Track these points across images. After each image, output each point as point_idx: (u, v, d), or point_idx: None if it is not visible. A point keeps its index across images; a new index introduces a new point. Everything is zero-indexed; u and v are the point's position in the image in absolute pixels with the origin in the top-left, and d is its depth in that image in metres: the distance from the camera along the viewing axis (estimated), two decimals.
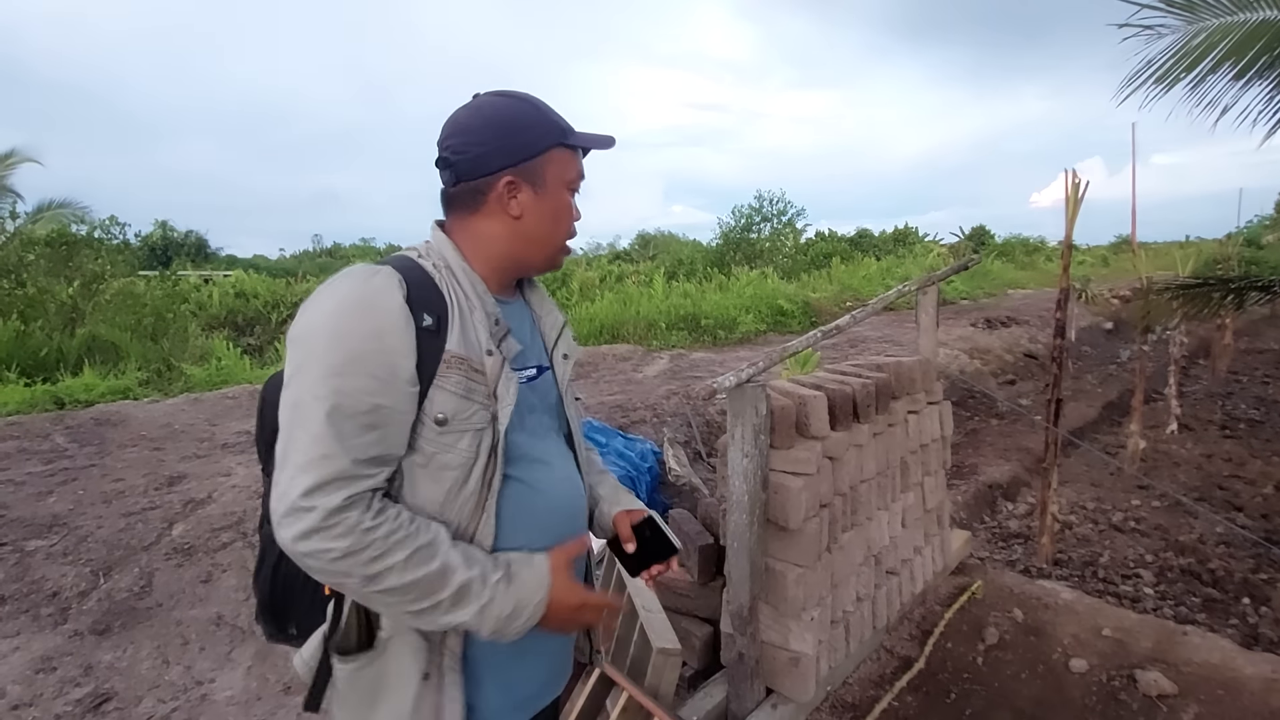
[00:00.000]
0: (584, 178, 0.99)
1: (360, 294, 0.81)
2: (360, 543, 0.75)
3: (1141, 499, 4.91)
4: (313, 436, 0.76)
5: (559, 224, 0.96)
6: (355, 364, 0.78)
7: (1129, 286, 13.30)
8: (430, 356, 0.82)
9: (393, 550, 0.77)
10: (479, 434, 0.86)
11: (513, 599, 0.84)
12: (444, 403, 0.83)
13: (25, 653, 2.46)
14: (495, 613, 0.82)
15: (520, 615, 0.84)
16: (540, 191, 0.93)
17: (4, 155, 13.96)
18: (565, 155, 0.95)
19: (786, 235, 19.09)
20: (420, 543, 0.79)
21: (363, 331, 0.79)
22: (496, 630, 0.83)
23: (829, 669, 2.05)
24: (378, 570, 0.77)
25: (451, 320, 0.85)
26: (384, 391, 0.79)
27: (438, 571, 0.79)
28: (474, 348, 0.87)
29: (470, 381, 0.85)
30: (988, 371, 8.13)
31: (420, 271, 0.87)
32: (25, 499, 3.62)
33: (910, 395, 2.47)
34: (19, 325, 7.42)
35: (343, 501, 0.76)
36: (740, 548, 1.87)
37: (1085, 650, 2.32)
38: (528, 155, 0.91)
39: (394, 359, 0.80)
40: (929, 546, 2.64)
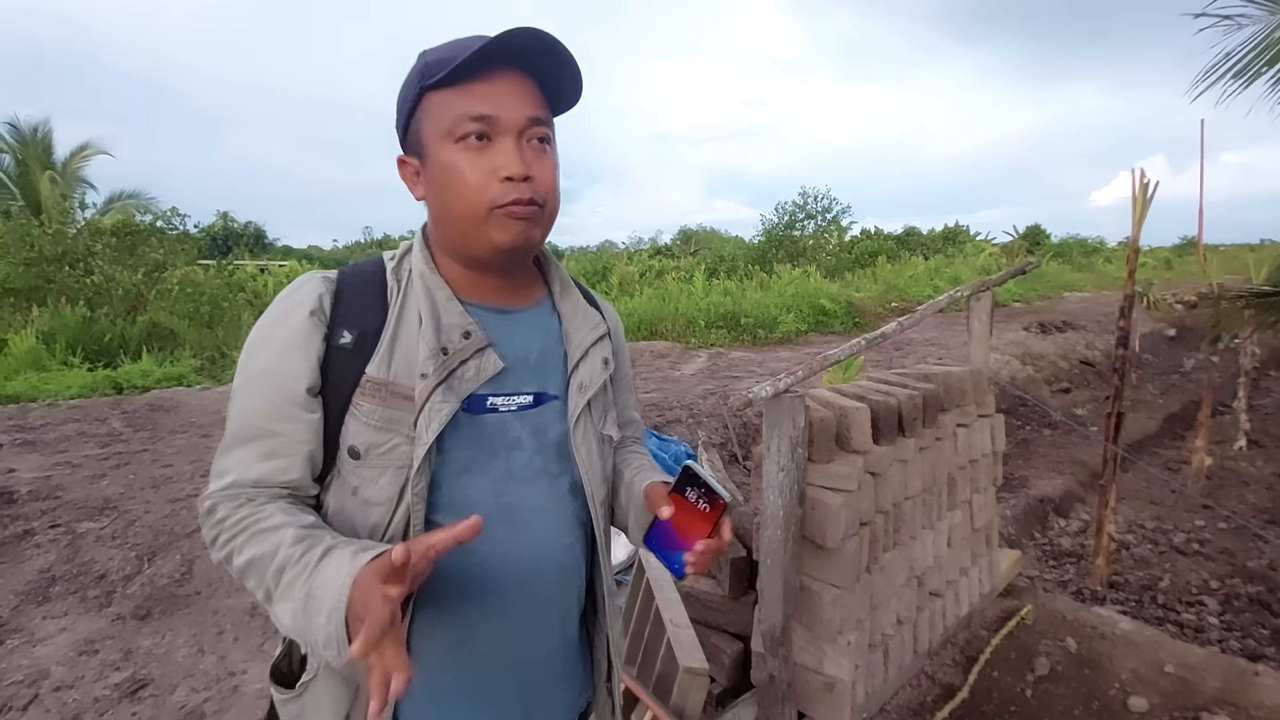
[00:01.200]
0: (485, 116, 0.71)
1: (272, 308, 0.76)
2: (214, 531, 0.72)
3: (1206, 520, 4.61)
4: (221, 449, 0.74)
5: (454, 188, 0.72)
6: (255, 382, 0.73)
7: (1194, 291, 12.61)
8: (342, 380, 0.73)
9: (234, 536, 0.70)
10: (402, 472, 0.72)
11: (313, 582, 0.62)
12: (357, 433, 0.73)
13: (71, 634, 2.54)
14: (293, 595, 0.63)
15: (317, 610, 0.61)
16: (424, 159, 0.75)
17: (79, 148, 14.73)
18: (435, 99, 0.73)
19: (831, 233, 18.70)
20: (266, 525, 0.68)
21: (266, 348, 0.74)
22: (300, 630, 0.63)
23: (865, 695, 1.95)
24: (225, 554, 0.71)
25: (383, 337, 0.74)
26: (277, 416, 0.72)
27: (267, 551, 0.67)
28: (407, 369, 0.74)
29: (388, 410, 0.72)
30: (1040, 379, 7.79)
31: (371, 279, 0.77)
32: (80, 481, 3.77)
33: (960, 408, 2.33)
34: (85, 311, 7.79)
35: (211, 505, 0.73)
36: (774, 565, 1.78)
37: (1146, 688, 2.16)
38: (401, 126, 0.78)
39: (286, 380, 0.72)
40: (976, 567, 2.50)
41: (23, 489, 3.59)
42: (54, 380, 6.07)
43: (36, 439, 4.53)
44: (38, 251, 8.41)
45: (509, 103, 0.73)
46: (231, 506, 0.71)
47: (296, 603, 0.63)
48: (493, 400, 0.77)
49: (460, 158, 0.72)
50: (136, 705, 2.20)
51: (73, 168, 14.33)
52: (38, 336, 6.96)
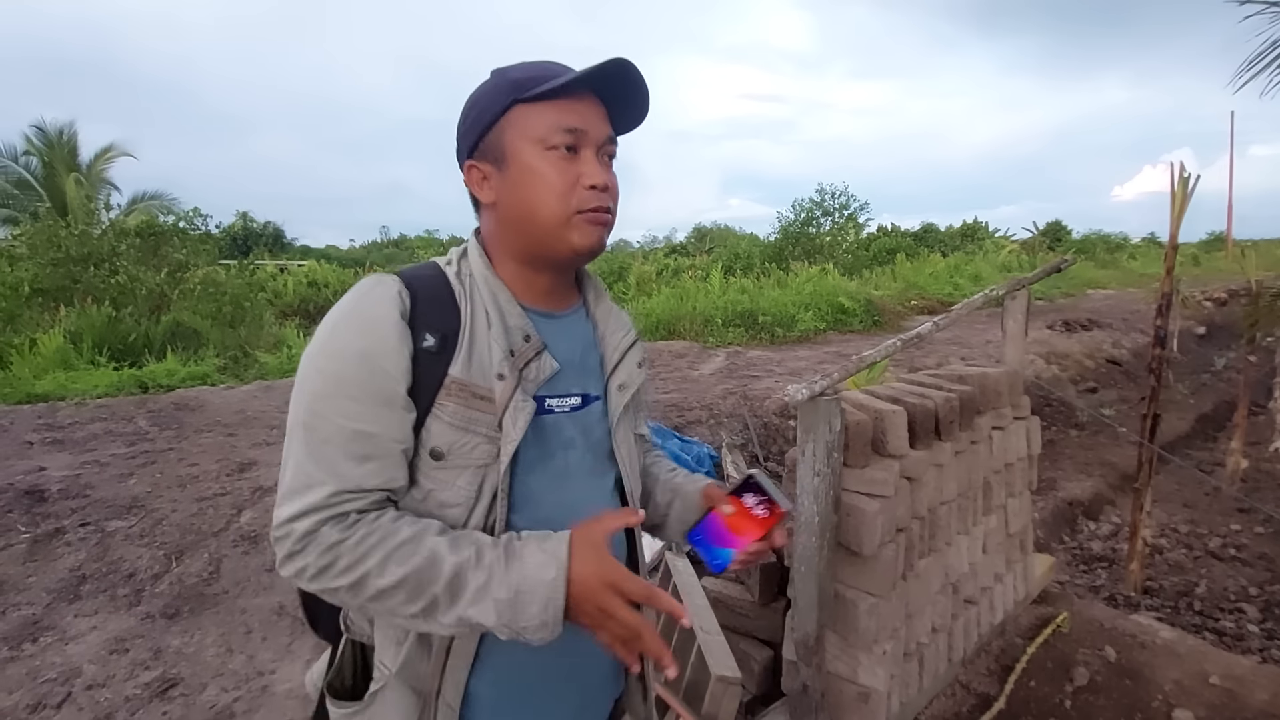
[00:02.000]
0: (579, 131, 0.78)
1: (354, 310, 0.74)
2: (328, 557, 0.69)
3: (1242, 523, 4.49)
4: (297, 463, 0.71)
5: (536, 192, 0.77)
6: (342, 388, 0.71)
7: (1225, 288, 12.31)
8: (429, 381, 0.74)
9: (366, 556, 0.68)
10: (480, 471, 0.75)
11: (513, 579, 0.68)
12: (440, 434, 0.74)
13: (101, 633, 2.56)
14: (492, 597, 0.68)
15: (529, 602, 0.68)
16: (503, 166, 0.79)
17: (103, 150, 15.01)
18: (525, 112, 0.77)
19: (848, 230, 18.51)
20: (401, 539, 0.69)
21: (352, 352, 0.72)
22: (507, 623, 0.68)
23: (899, 705, 1.91)
24: (356, 578, 0.69)
25: (461, 339, 0.75)
26: (373, 418, 0.71)
27: (425, 564, 0.68)
28: (482, 370, 0.75)
29: (471, 411, 0.74)
30: (1066, 378, 7.64)
31: (437, 282, 0.78)
32: (108, 480, 3.81)
33: (996, 410, 2.28)
34: (110, 311, 7.89)
35: (312, 525, 0.69)
36: (808, 572, 1.74)
37: (1190, 699, 2.10)
38: (480, 131, 0.79)
39: (383, 383, 0.72)
40: (1010, 574, 2.44)
41: (53, 487, 3.63)
42: (81, 379, 6.15)
43: (65, 438, 4.59)
44: (64, 252, 8.55)
45: (595, 120, 0.80)
46: (341, 529, 0.69)
47: (499, 603, 0.68)
48: (549, 401, 0.81)
49: (550, 165, 0.77)
50: (167, 704, 2.21)
51: (97, 170, 14.60)
52: (65, 336, 7.07)
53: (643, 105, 0.84)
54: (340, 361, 0.72)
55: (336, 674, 0.82)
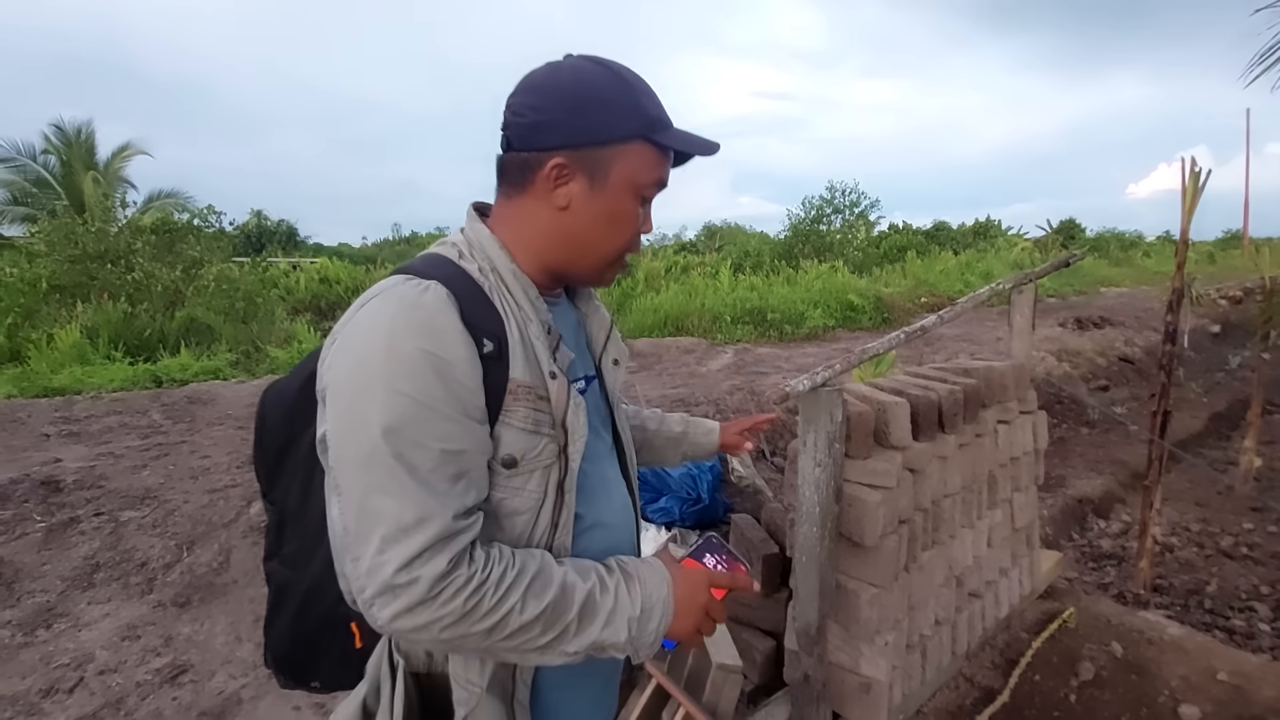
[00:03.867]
0: (665, 186, 0.82)
1: (415, 322, 0.67)
2: (475, 598, 0.65)
3: (1255, 523, 4.43)
4: (401, 499, 0.64)
5: (613, 232, 0.79)
6: (428, 408, 0.66)
7: (1240, 286, 12.13)
8: (495, 388, 0.71)
9: (510, 592, 0.67)
10: (547, 471, 0.75)
11: (638, 598, 0.74)
12: (512, 441, 0.72)
13: (114, 620, 2.60)
14: (625, 615, 0.72)
15: (651, 616, 0.74)
16: (597, 188, 0.77)
17: (120, 149, 15.18)
18: (645, 153, 0.77)
19: (858, 227, 18.42)
20: (532, 572, 0.69)
21: (426, 367, 0.66)
22: (633, 639, 0.73)
23: (902, 697, 1.91)
24: (498, 619, 0.66)
25: (511, 341, 0.73)
26: (462, 435, 0.68)
27: (559, 594, 0.69)
28: (534, 370, 0.74)
29: (538, 413, 0.73)
30: (1078, 376, 7.57)
31: (468, 281, 0.73)
32: (123, 471, 3.86)
33: (1001, 403, 2.27)
34: (126, 307, 8.01)
35: (448, 565, 0.64)
36: (809, 563, 1.75)
37: (1197, 695, 2.08)
38: (594, 140, 0.75)
39: (465, 395, 0.68)
40: (1016, 568, 2.43)
41: (69, 478, 3.69)
42: (97, 374, 6.24)
43: (81, 430, 4.66)
44: (82, 249, 8.67)
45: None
46: (475, 567, 0.66)
47: (631, 620, 0.73)
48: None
49: (633, 211, 0.80)
50: (177, 690, 2.24)
51: (114, 168, 14.77)
52: (82, 331, 7.17)
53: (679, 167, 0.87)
54: (418, 380, 0.65)
55: (406, 712, 0.76)
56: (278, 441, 0.86)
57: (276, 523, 0.88)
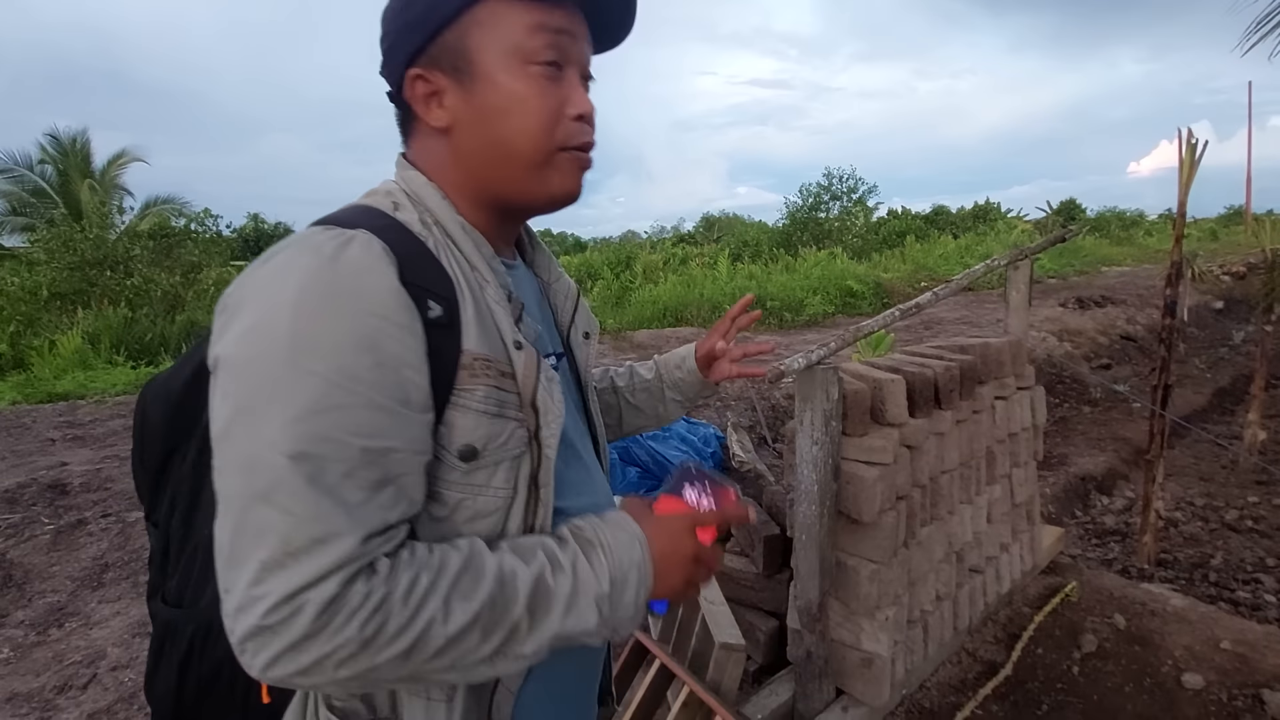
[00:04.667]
0: (566, 34, 0.62)
1: (331, 279, 0.51)
2: (376, 620, 0.49)
3: (1260, 495, 4.43)
4: (296, 514, 0.48)
5: (516, 121, 0.60)
6: (340, 393, 0.50)
7: (1243, 262, 12.08)
8: (445, 363, 0.55)
9: (426, 602, 0.51)
10: (516, 462, 0.60)
11: (605, 570, 0.58)
12: (470, 427, 0.56)
13: (124, 618, 2.63)
14: (591, 595, 0.57)
15: (626, 586, 0.59)
16: (467, 80, 0.61)
17: (116, 156, 15.17)
18: (503, 9, 0.60)
19: (856, 214, 18.37)
20: (455, 570, 0.53)
21: (349, 340, 0.50)
22: (606, 620, 0.58)
23: (904, 672, 1.92)
24: (415, 638, 0.50)
25: (463, 304, 0.58)
26: (393, 428, 0.52)
27: (495, 589, 0.54)
28: (493, 341, 0.59)
29: (501, 392, 0.58)
30: (1079, 355, 7.56)
31: (406, 234, 0.58)
32: (128, 473, 3.87)
33: (998, 379, 2.27)
34: (127, 313, 8.04)
35: (338, 587, 0.48)
36: (809, 541, 1.76)
37: (1201, 664, 2.09)
38: (432, 27, 0.60)
39: (401, 375, 0.52)
40: (1017, 543, 2.44)
41: (75, 481, 3.72)
42: (100, 378, 6.28)
43: (85, 434, 4.69)
44: (80, 256, 8.70)
45: (581, 33, 0.64)
46: (375, 581, 0.50)
47: (599, 598, 0.57)
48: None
49: (533, 86, 0.61)
50: None
51: (110, 175, 14.77)
52: (83, 337, 7.20)
53: (629, 20, 0.69)
54: (336, 355, 0.50)
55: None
56: (159, 449, 0.71)
57: (161, 549, 0.72)
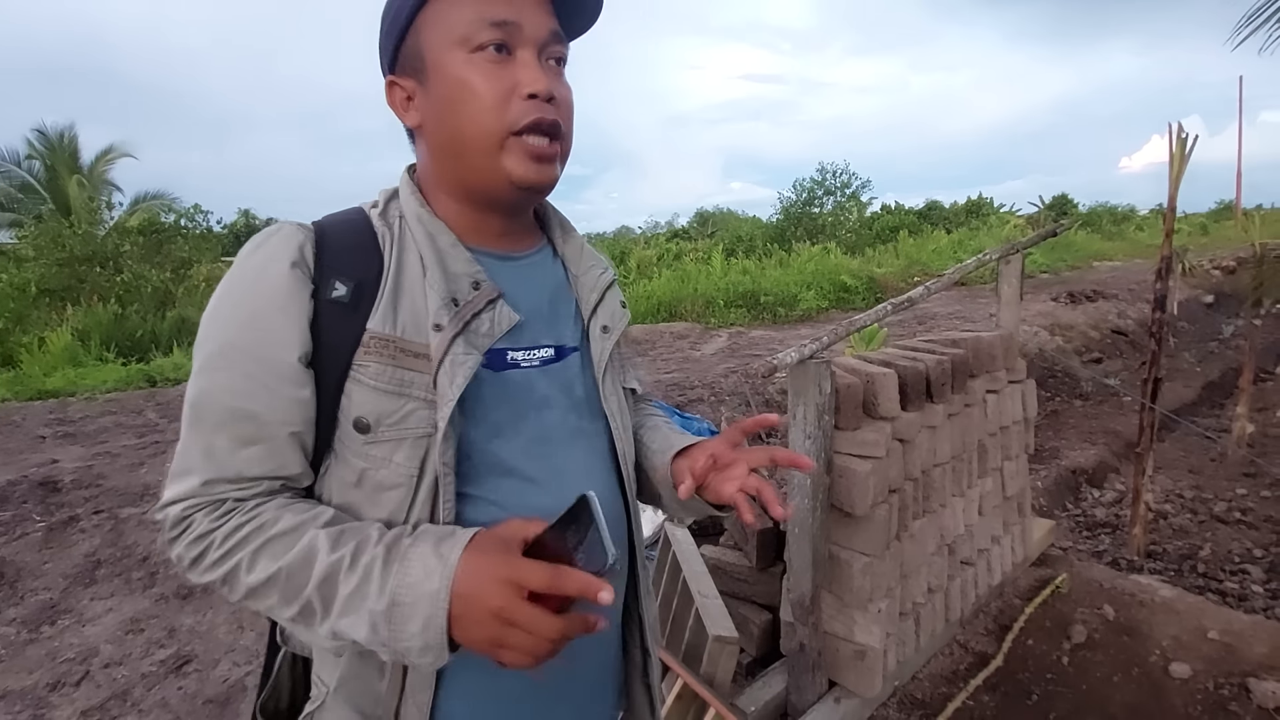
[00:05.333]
0: (517, 23, 0.64)
1: (243, 267, 0.63)
2: (197, 547, 0.59)
3: (1248, 487, 4.48)
4: (181, 445, 0.61)
5: (465, 110, 0.63)
6: (222, 359, 0.60)
7: (1232, 256, 12.17)
8: (342, 339, 0.61)
9: (235, 548, 0.58)
10: (422, 443, 0.62)
11: (389, 586, 0.55)
12: (364, 401, 0.61)
13: (117, 614, 2.62)
14: (366, 606, 0.55)
15: (410, 615, 0.54)
16: (424, 78, 0.66)
17: (104, 151, 15.02)
18: (444, 6, 0.64)
19: (850, 209, 18.39)
20: (277, 530, 0.58)
21: (238, 315, 0.61)
22: (383, 640, 0.55)
23: (897, 663, 1.94)
24: (223, 573, 0.58)
25: (382, 287, 0.63)
26: (257, 395, 0.60)
27: (298, 560, 0.56)
28: (415, 323, 0.63)
29: (400, 370, 0.62)
30: (1071, 349, 7.61)
31: (355, 225, 0.66)
32: (120, 470, 3.87)
33: (990, 373, 2.28)
34: (117, 309, 7.99)
35: (182, 511, 0.60)
36: (802, 534, 1.77)
37: (1188, 654, 2.12)
38: (394, 37, 0.66)
39: (270, 351, 0.60)
40: (1008, 536, 2.46)
41: (66, 478, 3.70)
42: (90, 375, 6.24)
43: (77, 431, 4.66)
44: (69, 252, 8.63)
45: (532, 12, 0.65)
46: (214, 517, 0.59)
47: (373, 614, 0.55)
48: (513, 355, 0.68)
49: (475, 70, 0.63)
50: (182, 680, 2.26)
51: (99, 171, 14.63)
52: (73, 334, 7.16)
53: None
54: (224, 327, 0.61)
55: (271, 693, 0.71)
56: None
57: None
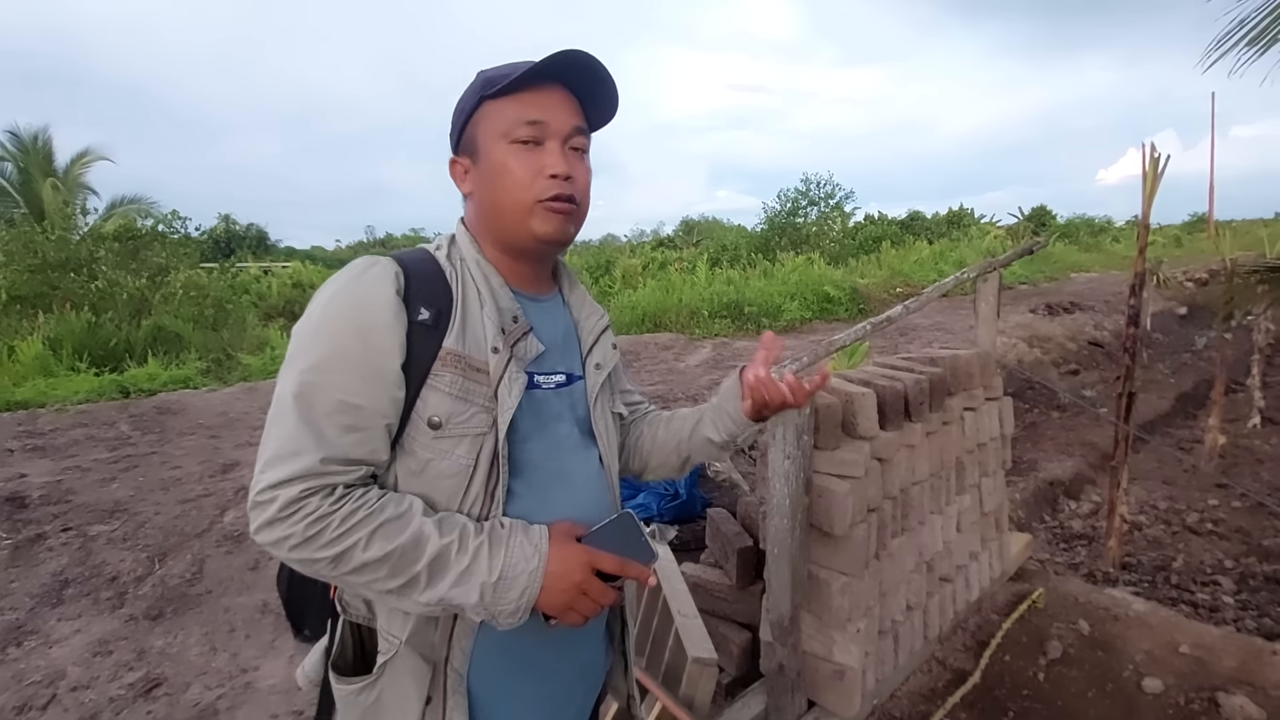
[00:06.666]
0: (542, 123, 0.82)
1: (352, 288, 0.77)
2: (318, 526, 0.70)
3: (1220, 499, 4.57)
4: (287, 432, 0.72)
5: (504, 184, 0.83)
6: (336, 360, 0.74)
7: (1205, 269, 12.45)
8: (424, 353, 0.77)
9: (354, 529, 0.71)
10: (478, 440, 0.79)
11: (498, 564, 0.74)
12: (438, 404, 0.77)
13: (85, 635, 2.56)
14: (479, 579, 0.74)
15: (512, 586, 0.74)
16: (477, 159, 0.85)
17: (80, 154, 14.75)
18: (492, 106, 0.83)
19: (834, 219, 18.57)
20: (386, 516, 0.73)
21: (348, 327, 0.75)
22: (486, 605, 0.74)
23: (876, 682, 1.94)
24: (339, 551, 0.71)
25: (454, 315, 0.80)
26: (364, 391, 0.74)
27: (410, 542, 0.73)
28: (477, 345, 0.80)
29: (468, 381, 0.78)
30: (1048, 361, 7.72)
31: (429, 263, 0.83)
32: (90, 485, 3.79)
33: (967, 391, 2.31)
34: (90, 317, 7.82)
35: (300, 493, 0.71)
36: (781, 554, 1.77)
37: (1160, 668, 2.15)
38: (460, 128, 0.87)
39: (378, 358, 0.75)
40: (986, 551, 2.48)
41: (34, 494, 3.61)
42: (61, 386, 6.10)
43: (46, 444, 4.55)
44: (42, 258, 8.46)
45: (557, 112, 0.83)
46: (331, 501, 0.71)
47: (484, 585, 0.74)
48: (538, 377, 0.86)
49: (513, 157, 0.82)
50: (151, 704, 2.21)
51: (74, 174, 14.37)
52: (44, 343, 6.99)
53: (610, 95, 0.88)
54: (335, 335, 0.75)
55: (339, 654, 0.84)
56: None
57: None
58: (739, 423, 0.97)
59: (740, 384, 0.96)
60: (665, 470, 1.08)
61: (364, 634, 0.84)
